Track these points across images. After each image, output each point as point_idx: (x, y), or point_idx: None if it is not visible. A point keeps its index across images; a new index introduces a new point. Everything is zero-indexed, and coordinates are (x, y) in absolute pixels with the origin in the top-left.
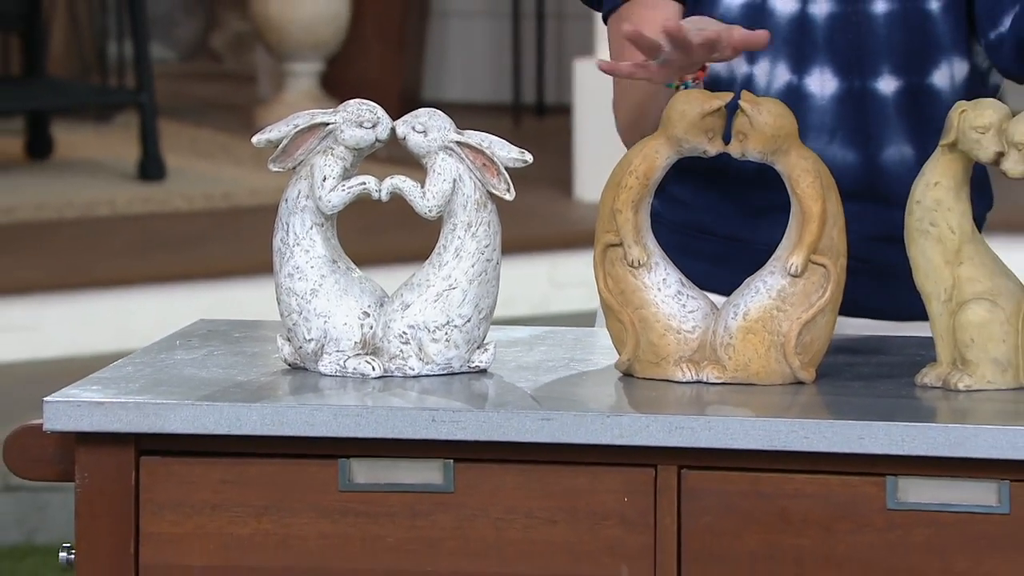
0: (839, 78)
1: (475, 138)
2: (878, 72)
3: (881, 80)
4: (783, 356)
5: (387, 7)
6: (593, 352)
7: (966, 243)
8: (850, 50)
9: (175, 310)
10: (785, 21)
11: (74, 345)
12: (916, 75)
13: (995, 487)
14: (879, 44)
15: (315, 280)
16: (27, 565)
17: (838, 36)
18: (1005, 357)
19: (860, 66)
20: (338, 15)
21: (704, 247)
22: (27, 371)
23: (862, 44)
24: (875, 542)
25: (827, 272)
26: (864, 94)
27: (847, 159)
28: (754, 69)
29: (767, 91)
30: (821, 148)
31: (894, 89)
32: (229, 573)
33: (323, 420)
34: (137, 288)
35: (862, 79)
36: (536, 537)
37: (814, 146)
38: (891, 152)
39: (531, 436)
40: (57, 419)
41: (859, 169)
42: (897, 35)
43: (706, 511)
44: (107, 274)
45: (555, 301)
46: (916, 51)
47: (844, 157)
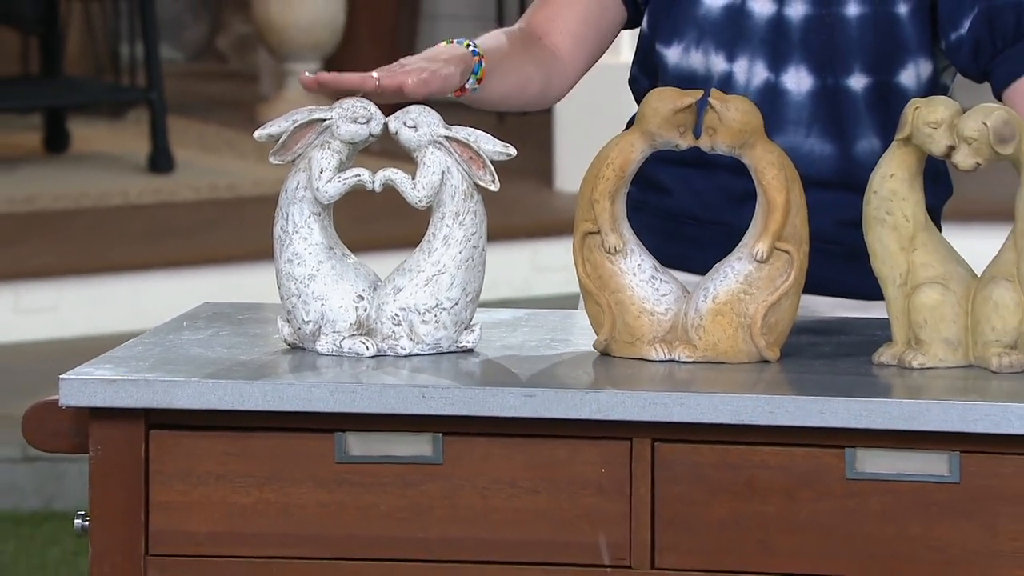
0: (814, 76)
1: (462, 133)
2: (850, 70)
3: (852, 78)
4: (750, 336)
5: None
6: (572, 333)
7: (920, 231)
8: (824, 50)
9: (183, 293)
10: (763, 22)
11: (89, 325)
12: (884, 74)
13: (946, 458)
14: (851, 45)
15: (313, 266)
16: (45, 530)
17: (812, 37)
18: (956, 337)
19: (833, 65)
20: (335, 18)
21: (687, 231)
22: (45, 350)
23: (835, 44)
24: (835, 509)
25: (791, 258)
26: (837, 91)
27: (824, 151)
28: (733, 67)
29: (746, 88)
30: (799, 141)
31: (864, 86)
32: (233, 539)
33: (320, 396)
34: (148, 273)
35: (835, 77)
36: (519, 505)
37: (792, 139)
38: (863, 145)
39: (515, 411)
40: (72, 395)
41: (834, 160)
42: (867, 37)
43: (678, 481)
44: (120, 259)
45: (537, 285)
46: (885, 52)
47: (821, 149)
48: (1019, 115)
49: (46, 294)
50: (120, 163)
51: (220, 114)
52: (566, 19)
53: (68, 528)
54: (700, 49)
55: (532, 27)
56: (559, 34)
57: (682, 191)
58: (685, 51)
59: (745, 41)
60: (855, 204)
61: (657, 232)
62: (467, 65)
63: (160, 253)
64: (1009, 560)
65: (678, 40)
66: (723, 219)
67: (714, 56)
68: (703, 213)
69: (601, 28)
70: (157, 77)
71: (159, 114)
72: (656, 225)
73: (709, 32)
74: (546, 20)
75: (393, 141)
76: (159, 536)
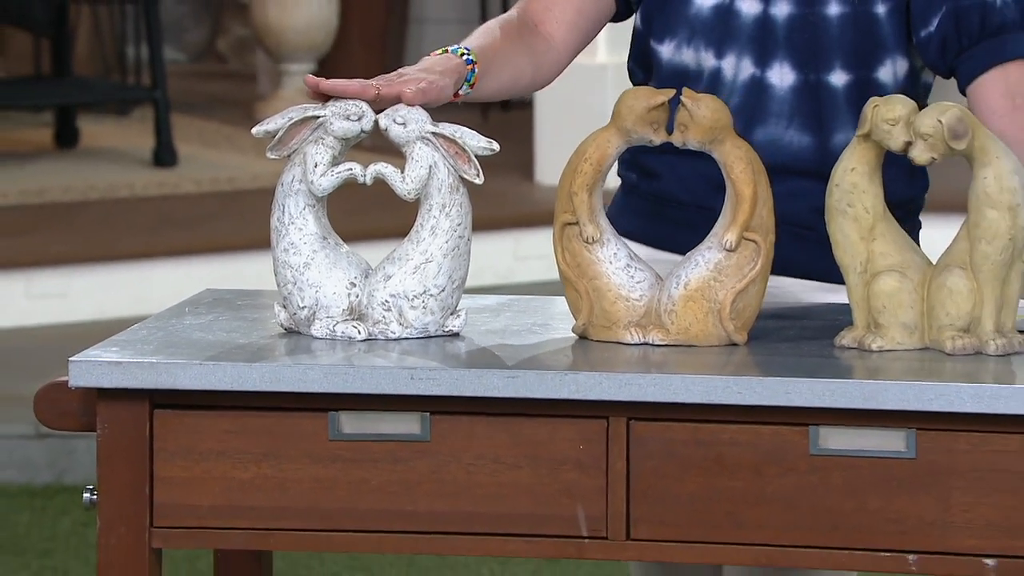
0: (796, 71)
1: (448, 129)
2: (831, 67)
3: (833, 74)
4: (719, 321)
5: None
6: (552, 318)
7: (879, 222)
8: (807, 47)
9: (185, 280)
10: (750, 21)
11: (97, 311)
12: (863, 70)
13: (903, 435)
14: (832, 43)
15: (308, 254)
16: (57, 503)
17: (796, 35)
18: (912, 321)
19: (815, 61)
20: (328, 22)
21: (673, 214)
22: (56, 333)
23: (817, 42)
24: (799, 484)
25: (758, 247)
26: (818, 86)
27: (803, 142)
28: (722, 63)
29: (733, 82)
30: (780, 132)
31: (844, 82)
32: (232, 512)
33: (315, 378)
34: (152, 261)
35: (816, 73)
36: (502, 480)
37: (774, 131)
38: (840, 138)
39: (498, 392)
40: (81, 376)
41: (812, 151)
42: (848, 35)
43: (652, 457)
44: (126, 249)
45: (519, 272)
46: (864, 49)
47: (800, 141)
48: (981, 109)
49: (56, 281)
50: (126, 158)
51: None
52: (563, 9)
53: (78, 501)
54: (691, 46)
55: (528, 15)
56: (554, 23)
57: (669, 176)
58: (677, 48)
59: (733, 39)
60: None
61: (645, 214)
62: (461, 75)
63: (164, 242)
64: (962, 530)
65: (670, 37)
66: (705, 203)
67: (704, 53)
68: (686, 197)
69: (592, 19)
70: (161, 77)
71: (163, 112)
72: (645, 208)
73: (700, 30)
74: (543, 9)
75: (383, 137)
76: (163, 509)
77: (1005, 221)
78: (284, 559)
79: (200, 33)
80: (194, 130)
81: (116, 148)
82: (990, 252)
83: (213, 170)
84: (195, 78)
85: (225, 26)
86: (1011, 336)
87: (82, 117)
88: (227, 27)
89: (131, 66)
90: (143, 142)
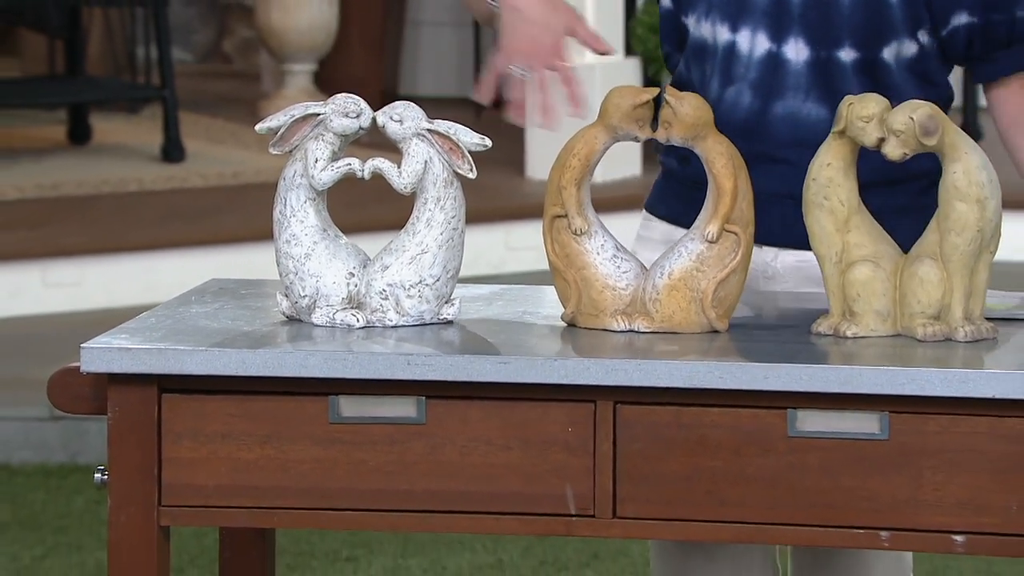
0: (810, 47)
1: (443, 126)
2: (840, 44)
3: (843, 51)
4: (702, 309)
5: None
6: (542, 306)
7: (853, 214)
8: (820, 25)
9: (192, 271)
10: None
11: (108, 299)
12: (871, 50)
13: (877, 418)
14: (843, 20)
15: (308, 246)
16: (70, 482)
17: (810, 12)
18: (885, 309)
19: (826, 39)
20: (329, 24)
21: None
22: (69, 321)
23: (829, 20)
24: (777, 464)
25: (738, 239)
26: (829, 62)
27: (820, 115)
28: (737, 37)
29: (749, 57)
30: (798, 105)
31: (852, 59)
32: (237, 491)
33: (315, 363)
34: (161, 252)
35: (828, 50)
36: (495, 461)
37: (792, 103)
38: None
39: (491, 377)
40: (92, 362)
41: (828, 123)
42: (858, 16)
43: (637, 439)
44: (136, 240)
45: (510, 263)
46: (872, 29)
47: (817, 113)
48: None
49: (70, 271)
50: (136, 153)
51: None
52: None
53: (90, 480)
54: (709, 20)
55: None
56: None
57: (697, 161)
58: (697, 21)
59: (748, 14)
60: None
61: (683, 198)
62: None
63: (172, 234)
64: (932, 508)
65: (692, 11)
66: None
67: (719, 26)
68: None
69: None
70: (169, 76)
71: (171, 109)
72: (682, 192)
73: (716, 4)
74: None
75: (381, 134)
76: (171, 488)
77: (974, 213)
78: (286, 536)
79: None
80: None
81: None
82: (959, 243)
83: (219, 165)
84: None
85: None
86: (979, 323)
87: (94, 115)
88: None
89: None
90: (152, 138)
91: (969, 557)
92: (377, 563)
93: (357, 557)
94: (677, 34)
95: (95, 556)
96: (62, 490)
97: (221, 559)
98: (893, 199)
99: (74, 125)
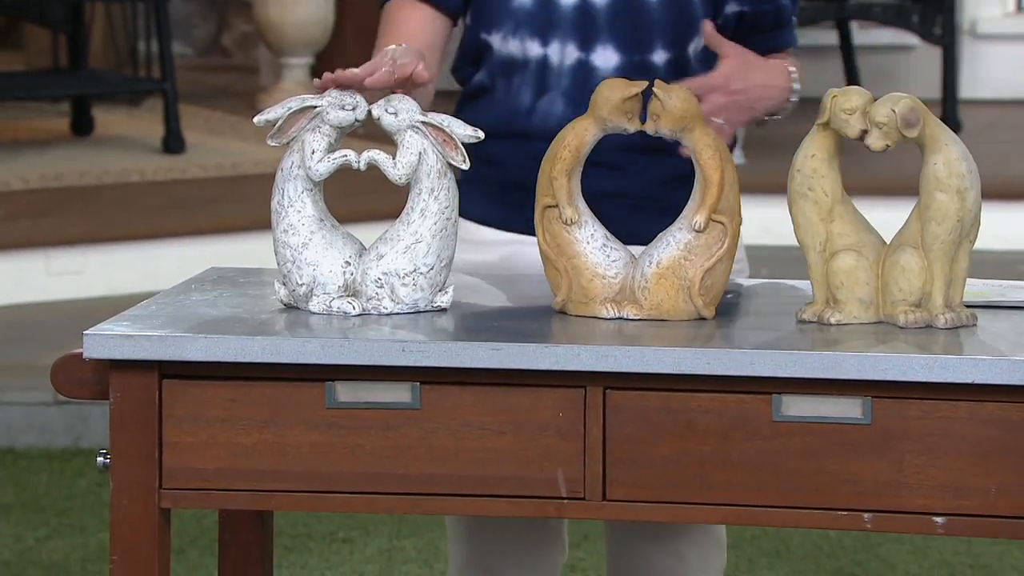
0: (620, 53)
1: (437, 118)
2: (653, 47)
3: (655, 53)
4: (689, 297)
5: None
6: (534, 294)
7: (837, 204)
8: (629, 30)
9: (192, 259)
10: (570, 9)
11: (110, 287)
12: (679, 48)
13: (860, 402)
14: (654, 24)
15: (306, 235)
16: (73, 465)
17: (619, 19)
18: (868, 297)
19: (638, 43)
20: (325, 19)
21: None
22: (72, 308)
23: (640, 25)
24: (763, 448)
25: (725, 228)
26: (642, 65)
27: None
28: (548, 50)
29: (560, 67)
30: None
31: (664, 60)
32: (236, 474)
33: (312, 350)
34: (161, 241)
35: (641, 54)
36: (487, 446)
37: None
38: None
39: (483, 363)
40: (94, 349)
41: None
42: (668, 16)
43: (626, 423)
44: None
45: None
46: (680, 29)
47: None
48: None
49: (73, 259)
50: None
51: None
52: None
53: (93, 463)
54: (517, 37)
55: None
56: None
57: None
58: (504, 39)
59: (555, 27)
60: (663, 163)
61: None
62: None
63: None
64: (914, 491)
65: (496, 29)
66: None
67: (530, 42)
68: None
69: (441, 38)
70: (170, 70)
71: (172, 102)
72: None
73: (523, 21)
74: None
75: (376, 126)
76: (171, 472)
77: (954, 203)
78: (284, 518)
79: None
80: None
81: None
82: (940, 232)
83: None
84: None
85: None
86: (959, 310)
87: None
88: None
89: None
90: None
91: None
92: (372, 545)
93: (353, 539)
94: (474, 49)
95: (97, 537)
96: (65, 473)
97: (220, 540)
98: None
99: (77, 117)
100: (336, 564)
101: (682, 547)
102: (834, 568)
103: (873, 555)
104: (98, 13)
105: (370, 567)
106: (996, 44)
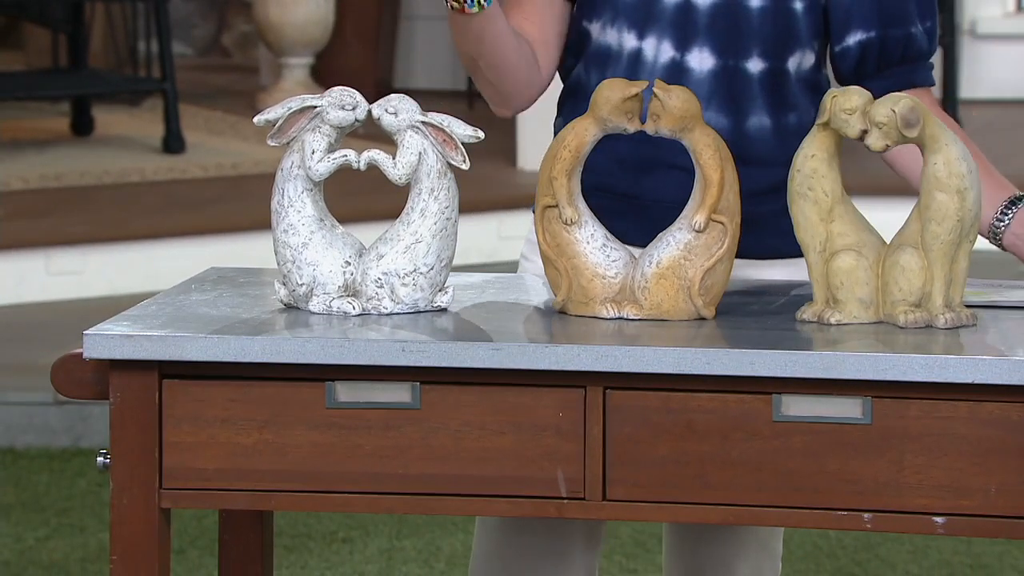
0: (715, 57)
1: (437, 118)
2: (749, 54)
3: (750, 62)
4: (689, 297)
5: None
6: (534, 294)
7: (837, 204)
8: (727, 34)
9: (192, 259)
10: (671, 6)
11: (110, 287)
12: (777, 60)
13: (860, 402)
14: (752, 32)
15: (306, 235)
16: (73, 465)
17: (717, 22)
18: (868, 297)
19: (734, 48)
20: (325, 18)
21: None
22: (72, 308)
23: (738, 30)
24: (763, 448)
25: (725, 228)
26: (736, 72)
27: (719, 124)
28: (643, 45)
29: (654, 64)
30: None
31: (760, 70)
32: (236, 474)
33: (312, 350)
34: (161, 241)
35: (735, 59)
36: (488, 446)
37: None
38: (753, 120)
39: (484, 363)
40: (95, 349)
41: (728, 133)
42: (767, 26)
43: (626, 423)
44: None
45: (502, 252)
46: (780, 40)
47: (717, 122)
48: None
49: (73, 259)
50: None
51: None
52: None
53: (93, 463)
54: (615, 27)
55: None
56: (537, 44)
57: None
58: (602, 28)
59: (654, 22)
60: (745, 175)
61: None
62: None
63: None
64: (914, 491)
65: (597, 17)
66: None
67: (626, 34)
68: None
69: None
70: (170, 69)
71: (172, 102)
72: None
73: (623, 12)
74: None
75: (376, 126)
76: (171, 472)
77: (954, 203)
78: (284, 518)
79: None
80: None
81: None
82: (940, 232)
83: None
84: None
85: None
86: (959, 310)
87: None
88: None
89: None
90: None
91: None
92: (372, 545)
93: (353, 539)
94: (576, 36)
95: (97, 537)
96: (65, 473)
97: (220, 540)
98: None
99: (77, 117)
100: (336, 564)
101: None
102: (834, 568)
103: (873, 555)
104: (98, 13)
105: (370, 567)
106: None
